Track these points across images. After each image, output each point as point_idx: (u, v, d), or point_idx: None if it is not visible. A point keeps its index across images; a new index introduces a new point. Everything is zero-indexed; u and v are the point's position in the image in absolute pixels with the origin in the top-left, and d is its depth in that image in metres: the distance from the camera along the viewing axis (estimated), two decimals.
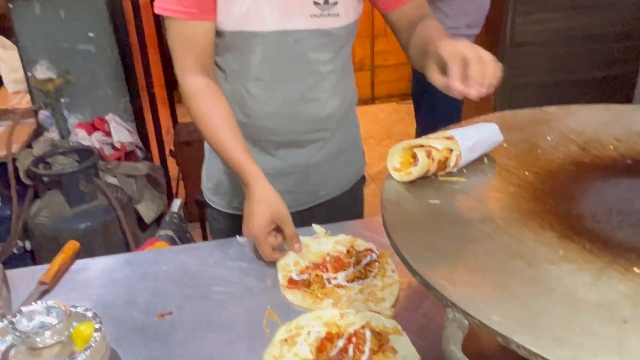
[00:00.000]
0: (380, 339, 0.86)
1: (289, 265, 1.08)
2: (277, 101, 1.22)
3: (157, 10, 1.11)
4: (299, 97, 1.22)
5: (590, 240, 0.70)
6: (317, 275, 1.03)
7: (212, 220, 1.47)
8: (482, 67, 0.84)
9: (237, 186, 1.32)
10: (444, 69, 0.88)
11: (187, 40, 1.12)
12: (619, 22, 3.26)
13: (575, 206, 0.78)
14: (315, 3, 1.12)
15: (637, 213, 0.76)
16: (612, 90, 3.35)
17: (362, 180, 1.51)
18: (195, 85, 1.14)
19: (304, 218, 1.25)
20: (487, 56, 0.86)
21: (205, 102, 1.13)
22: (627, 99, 1.27)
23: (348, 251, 1.09)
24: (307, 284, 1.02)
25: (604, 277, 0.62)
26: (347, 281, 1.03)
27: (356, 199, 1.51)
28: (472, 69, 0.83)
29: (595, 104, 1.10)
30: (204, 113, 1.13)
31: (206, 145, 1.38)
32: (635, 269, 0.64)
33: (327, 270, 1.05)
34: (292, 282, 1.04)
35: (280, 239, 1.10)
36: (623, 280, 0.62)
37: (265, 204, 1.07)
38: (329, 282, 1.02)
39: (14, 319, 0.84)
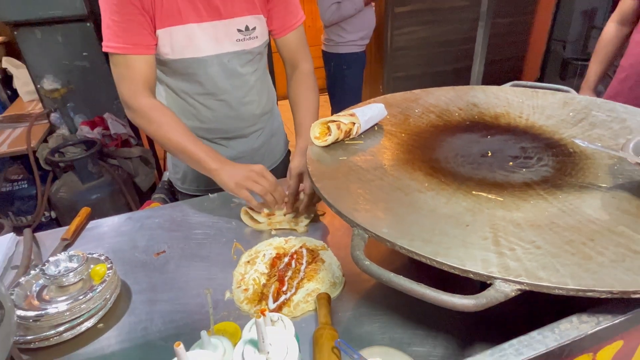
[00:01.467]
0: (313, 254, 0.87)
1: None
2: (224, 108, 1.15)
3: (105, 49, 0.96)
4: (239, 102, 1.16)
5: (444, 175, 0.73)
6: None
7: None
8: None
9: (200, 174, 1.23)
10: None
11: (134, 71, 0.98)
12: (460, 32, 3.37)
13: (434, 154, 0.81)
14: (239, 31, 1.06)
15: (473, 155, 0.80)
16: (457, 78, 3.48)
17: (288, 153, 1.46)
18: (148, 103, 0.99)
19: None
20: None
21: (161, 114, 0.99)
22: (467, 83, 1.33)
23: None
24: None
25: (453, 198, 0.65)
26: (284, 215, 1.02)
27: (286, 167, 1.41)
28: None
29: (445, 87, 1.13)
30: (165, 123, 0.99)
31: None
32: (474, 192, 0.67)
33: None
34: (248, 210, 1.03)
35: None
36: (465, 199, 0.65)
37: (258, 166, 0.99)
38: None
39: (43, 267, 0.80)
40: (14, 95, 2.89)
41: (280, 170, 1.39)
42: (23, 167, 2.25)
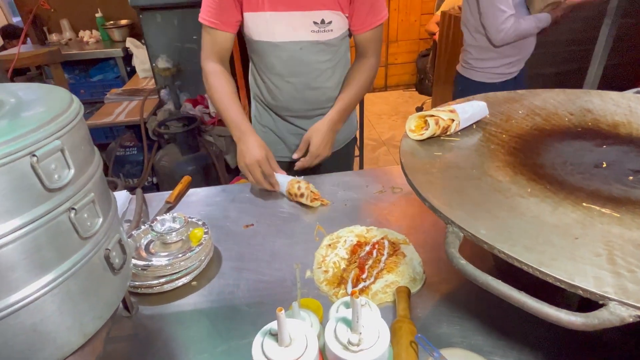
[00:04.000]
0: (394, 247, 0.86)
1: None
2: (290, 90, 1.22)
3: (200, 20, 1.12)
4: (306, 86, 1.21)
5: (550, 182, 0.67)
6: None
7: None
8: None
9: None
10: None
11: (213, 41, 1.14)
12: (569, 32, 3.05)
13: (538, 159, 0.75)
14: (315, 23, 1.10)
15: (584, 165, 0.72)
16: (559, 81, 3.17)
17: (354, 140, 1.46)
18: (211, 69, 1.15)
19: (311, 168, 1.20)
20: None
21: (216, 79, 1.14)
22: (569, 87, 1.15)
23: None
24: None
25: (560, 208, 0.60)
26: None
27: (348, 154, 1.46)
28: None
29: (554, 89, 1.03)
30: (214, 86, 1.14)
31: None
32: (584, 204, 0.61)
33: None
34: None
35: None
36: (574, 210, 0.59)
37: (261, 145, 1.07)
38: None
39: (152, 224, 0.88)
40: (132, 71, 3.24)
41: (338, 157, 1.37)
42: (134, 136, 2.51)
